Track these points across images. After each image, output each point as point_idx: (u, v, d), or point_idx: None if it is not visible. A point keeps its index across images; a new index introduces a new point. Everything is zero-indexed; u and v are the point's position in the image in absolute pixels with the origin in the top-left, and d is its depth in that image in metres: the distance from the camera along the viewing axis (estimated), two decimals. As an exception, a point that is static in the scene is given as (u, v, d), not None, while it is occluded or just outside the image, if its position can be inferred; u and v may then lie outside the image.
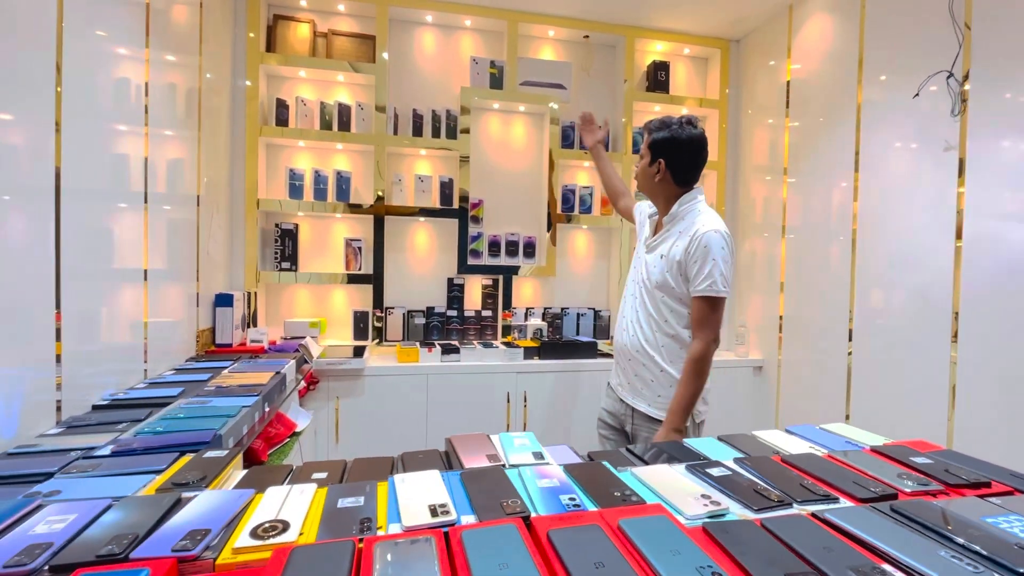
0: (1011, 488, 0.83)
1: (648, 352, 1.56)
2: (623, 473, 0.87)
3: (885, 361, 1.99)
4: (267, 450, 1.60)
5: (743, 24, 2.74)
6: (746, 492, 0.78)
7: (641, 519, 0.67)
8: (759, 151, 2.75)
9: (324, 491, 0.78)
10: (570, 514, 0.70)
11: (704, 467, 0.88)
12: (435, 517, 0.69)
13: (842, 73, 2.19)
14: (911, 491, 0.80)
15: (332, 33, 2.54)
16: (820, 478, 0.85)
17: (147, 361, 1.61)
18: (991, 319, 1.61)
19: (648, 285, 1.56)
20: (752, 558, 0.60)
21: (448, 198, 2.65)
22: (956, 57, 1.70)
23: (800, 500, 0.77)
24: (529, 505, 0.74)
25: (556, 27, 2.71)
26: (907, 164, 1.90)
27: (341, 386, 2.22)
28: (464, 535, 0.63)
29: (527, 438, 1.03)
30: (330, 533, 0.66)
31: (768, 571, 0.58)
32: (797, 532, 0.66)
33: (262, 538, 0.65)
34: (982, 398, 1.64)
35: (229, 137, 2.35)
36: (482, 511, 0.71)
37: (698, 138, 1.53)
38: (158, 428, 1.11)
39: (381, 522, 0.69)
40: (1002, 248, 1.59)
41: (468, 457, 0.93)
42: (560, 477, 0.83)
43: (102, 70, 1.39)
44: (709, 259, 1.44)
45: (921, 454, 0.95)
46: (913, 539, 0.64)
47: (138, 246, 1.56)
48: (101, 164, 1.39)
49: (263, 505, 0.73)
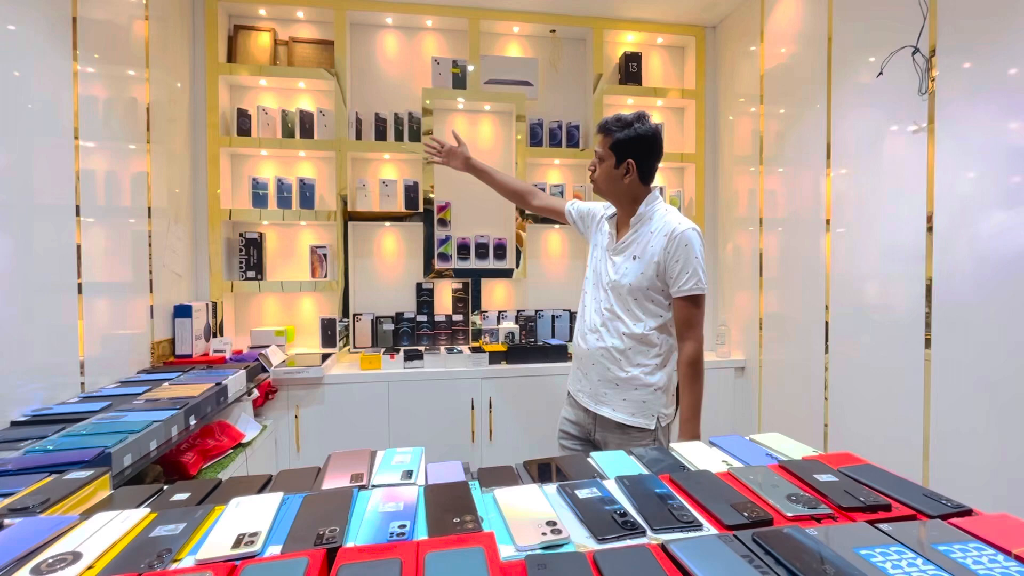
0: (914, 512, 0.73)
1: (614, 355, 1.51)
2: (486, 495, 0.81)
3: (862, 359, 1.85)
4: (201, 464, 1.58)
5: (716, 9, 2.63)
6: (600, 518, 0.71)
7: (451, 551, 0.61)
8: (740, 141, 2.63)
9: (152, 517, 0.74)
10: (384, 545, 0.64)
11: (574, 488, 0.80)
12: (235, 548, 0.64)
13: (813, 55, 2.07)
14: (792, 516, 0.71)
15: (293, 40, 2.54)
16: (698, 501, 0.76)
17: (84, 374, 1.61)
18: (965, 312, 1.48)
19: (618, 288, 1.52)
20: (550, 601, 0.53)
21: (414, 201, 2.61)
22: (921, 30, 1.57)
23: (657, 527, 0.69)
24: (352, 533, 0.68)
25: (521, 23, 2.65)
26: (876, 150, 1.77)
27: (301, 395, 2.20)
28: (245, 571, 0.58)
29: (410, 454, 0.97)
30: (120, 567, 0.62)
31: (557, 618, 0.51)
32: (624, 567, 0.58)
33: (42, 573, 0.61)
34: (958, 394, 1.50)
35: (190, 148, 2.36)
36: (293, 541, 0.65)
37: (659, 133, 1.51)
38: (49, 447, 1.09)
39: (181, 554, 0.65)
40: (972, 233, 1.45)
41: (332, 476, 0.88)
42: (409, 501, 0.77)
43: (24, 83, 1.39)
44: (692, 258, 1.43)
45: (831, 470, 0.85)
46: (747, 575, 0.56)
47: (70, 259, 1.56)
48: (31, 177, 1.40)
49: (76, 534, 0.69)
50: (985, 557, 0.60)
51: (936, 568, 0.58)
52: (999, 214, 1.38)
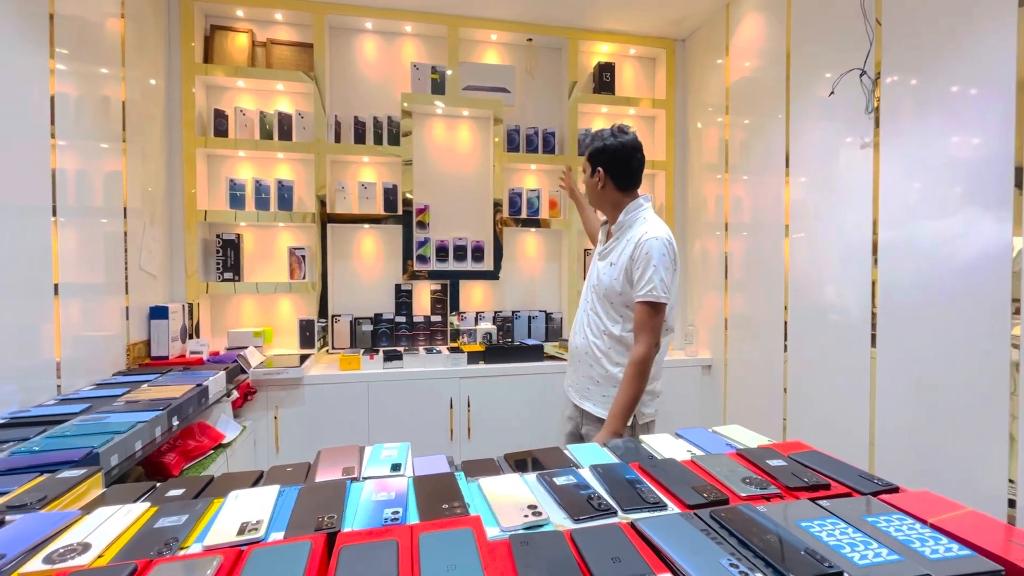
0: (849, 489, 0.83)
1: (595, 354, 1.61)
2: (471, 484, 0.87)
3: (815, 359, 1.99)
4: (182, 464, 1.60)
5: (685, 24, 2.75)
6: (575, 502, 0.78)
7: (443, 532, 0.67)
8: (708, 150, 2.76)
9: (153, 510, 0.78)
10: (379, 529, 0.70)
11: (552, 476, 0.88)
12: (240, 535, 0.68)
13: (773, 72, 2.20)
14: (746, 495, 0.80)
15: (271, 42, 2.54)
16: (664, 484, 0.84)
17: (60, 376, 1.60)
18: (906, 319, 1.62)
19: (599, 291, 1.62)
20: (533, 570, 0.60)
21: (392, 204, 2.64)
22: (868, 54, 1.70)
23: (627, 508, 0.77)
24: (349, 520, 0.73)
25: (499, 31, 2.72)
26: (829, 162, 1.91)
27: (281, 396, 2.21)
28: (252, 553, 0.63)
29: (398, 449, 1.03)
30: (129, 554, 0.66)
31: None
32: (598, 542, 0.66)
33: (55, 563, 0.64)
34: (900, 393, 1.64)
35: (166, 148, 2.34)
36: (294, 528, 0.71)
37: (629, 144, 1.59)
38: (35, 448, 1.10)
39: (188, 542, 0.69)
40: (914, 242, 1.59)
41: (324, 470, 0.93)
42: (400, 490, 0.82)
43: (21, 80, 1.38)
44: (650, 266, 1.48)
45: (781, 456, 0.95)
46: (707, 547, 0.64)
47: (48, 259, 1.55)
48: (11, 177, 1.39)
49: (81, 527, 0.73)
50: (905, 525, 0.70)
51: (863, 535, 0.67)
52: (937, 222, 1.52)
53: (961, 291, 1.45)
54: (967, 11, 1.43)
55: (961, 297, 1.45)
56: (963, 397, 1.44)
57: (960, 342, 1.45)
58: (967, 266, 1.43)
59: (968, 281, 1.43)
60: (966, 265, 1.44)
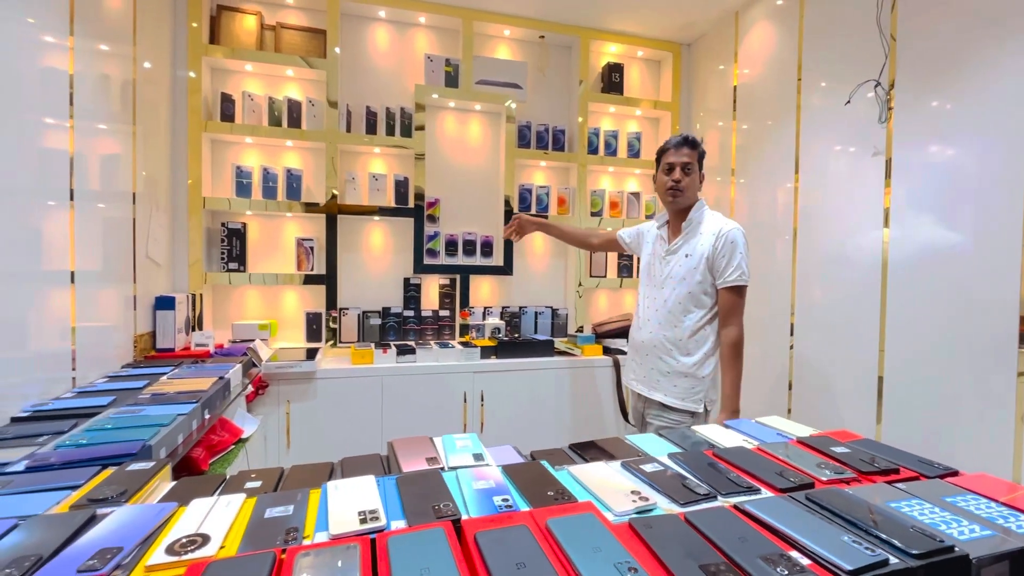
0: (916, 474, 0.88)
1: (666, 346, 1.72)
2: (560, 472, 0.89)
3: (823, 355, 2.09)
4: (209, 459, 1.55)
5: (693, 28, 2.82)
6: (674, 487, 0.81)
7: (569, 517, 0.69)
8: (710, 153, 2.83)
9: (253, 501, 0.76)
10: (501, 515, 0.71)
11: (638, 463, 0.90)
12: (364, 524, 0.68)
13: (783, 79, 2.29)
14: (827, 479, 0.85)
15: (280, 26, 2.47)
16: (746, 470, 0.88)
17: (76, 369, 1.52)
18: (913, 314, 1.72)
19: (670, 283, 1.72)
20: (671, 551, 0.62)
21: (403, 197, 2.61)
22: (883, 67, 1.80)
23: (725, 492, 0.80)
24: (462, 508, 0.74)
25: (512, 26, 2.72)
26: (841, 167, 2.00)
27: (292, 390, 2.16)
28: (390, 541, 0.63)
29: (470, 439, 1.03)
30: (252, 545, 0.65)
31: (684, 563, 0.60)
32: (717, 524, 0.69)
33: (178, 554, 0.62)
34: (906, 391, 1.74)
35: (170, 132, 2.25)
36: (413, 516, 0.71)
37: None
38: (81, 440, 1.05)
39: (309, 531, 0.68)
40: (923, 247, 1.69)
41: (407, 461, 0.93)
42: (497, 478, 0.83)
43: (23, 57, 1.30)
44: (736, 253, 1.64)
45: (841, 444, 1.01)
46: (821, 526, 0.68)
47: (64, 246, 1.47)
48: (21, 159, 1.31)
49: (185, 518, 0.71)
50: (983, 505, 0.76)
51: (952, 515, 0.73)
52: (945, 234, 1.63)
53: (968, 300, 1.55)
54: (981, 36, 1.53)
55: (967, 306, 1.55)
56: (970, 401, 1.55)
57: (967, 349, 1.56)
58: (975, 277, 1.54)
59: (976, 290, 1.54)
60: (974, 276, 1.54)
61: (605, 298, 3.05)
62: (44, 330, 1.40)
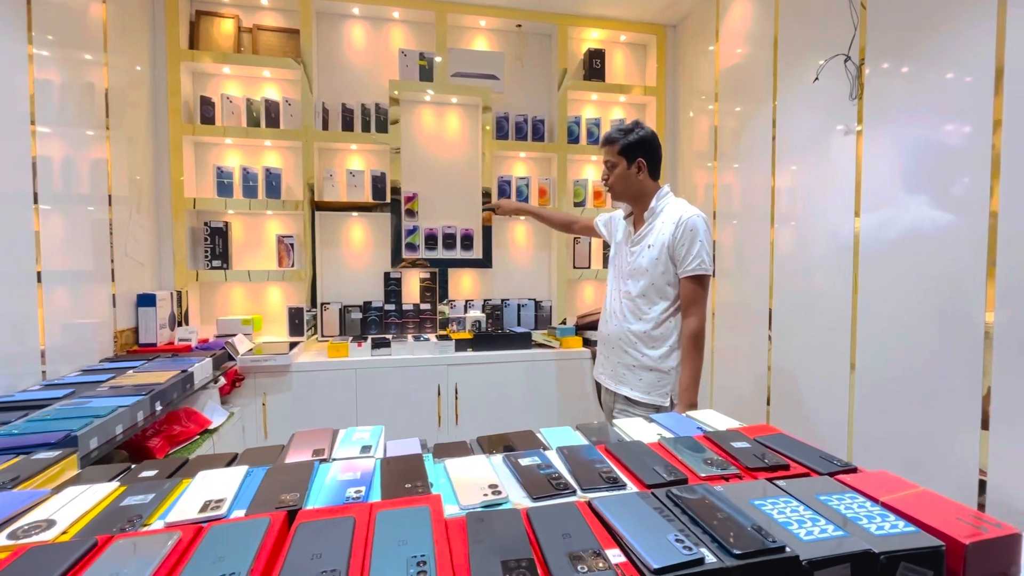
0: (808, 470, 0.84)
1: (631, 339, 1.68)
2: (438, 465, 0.88)
3: (799, 343, 2.00)
4: (168, 449, 1.62)
5: (676, 9, 2.72)
6: (536, 481, 0.80)
7: (400, 510, 0.68)
8: (698, 137, 2.74)
9: (122, 489, 0.79)
10: (339, 507, 0.71)
11: (518, 457, 0.89)
12: (202, 512, 0.70)
13: (762, 57, 2.18)
14: (705, 476, 0.82)
15: (257, 28, 2.52)
16: (626, 465, 0.86)
17: (45, 363, 1.61)
18: (884, 303, 1.62)
19: (634, 275, 1.68)
20: (483, 546, 0.61)
21: (381, 192, 2.64)
22: (852, 39, 1.69)
23: (586, 487, 0.78)
24: (310, 498, 0.75)
25: (487, 17, 2.69)
26: (814, 149, 1.90)
27: (269, 382, 2.23)
28: (211, 530, 0.64)
29: (370, 432, 1.04)
30: (92, 531, 0.67)
31: (487, 558, 0.59)
32: (552, 519, 0.67)
33: (19, 538, 0.66)
34: (878, 376, 1.65)
35: (151, 135, 2.33)
36: (255, 506, 0.72)
37: (655, 136, 1.71)
38: (14, 431, 1.12)
39: (151, 519, 0.70)
40: (893, 226, 1.59)
41: (295, 452, 0.94)
42: (365, 470, 0.84)
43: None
44: (696, 241, 1.58)
45: (747, 439, 0.96)
46: (658, 523, 0.65)
47: (29, 247, 1.56)
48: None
49: (48, 505, 0.74)
50: (856, 504, 0.71)
51: (813, 513, 0.69)
52: (916, 208, 1.53)
53: (938, 275, 1.45)
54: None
55: (938, 281, 1.45)
56: (938, 381, 1.46)
57: (937, 324, 1.46)
58: (945, 250, 1.44)
59: (946, 264, 1.43)
60: (944, 249, 1.44)
61: (591, 289, 3.01)
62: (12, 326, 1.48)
